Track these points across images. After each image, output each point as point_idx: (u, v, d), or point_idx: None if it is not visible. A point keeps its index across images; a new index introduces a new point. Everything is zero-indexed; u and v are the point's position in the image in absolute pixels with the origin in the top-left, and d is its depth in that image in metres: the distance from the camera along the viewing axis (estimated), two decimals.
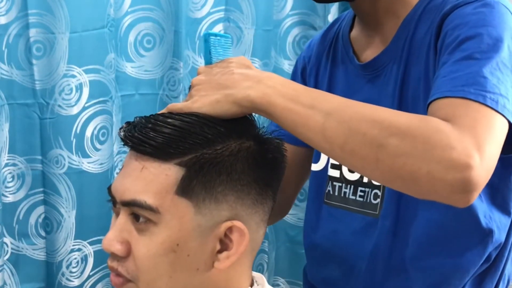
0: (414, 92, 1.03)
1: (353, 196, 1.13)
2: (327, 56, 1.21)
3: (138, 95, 1.70)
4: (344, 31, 1.19)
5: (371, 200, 1.10)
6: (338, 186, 1.17)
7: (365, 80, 1.12)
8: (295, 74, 1.29)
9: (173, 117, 0.82)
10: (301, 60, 1.28)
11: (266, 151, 0.85)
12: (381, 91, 1.09)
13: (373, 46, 1.12)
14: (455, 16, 0.96)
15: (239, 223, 0.81)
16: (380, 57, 1.09)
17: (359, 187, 1.12)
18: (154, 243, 0.80)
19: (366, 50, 1.13)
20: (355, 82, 1.14)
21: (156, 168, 0.80)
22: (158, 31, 1.68)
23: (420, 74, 1.02)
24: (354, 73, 1.14)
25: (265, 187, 0.85)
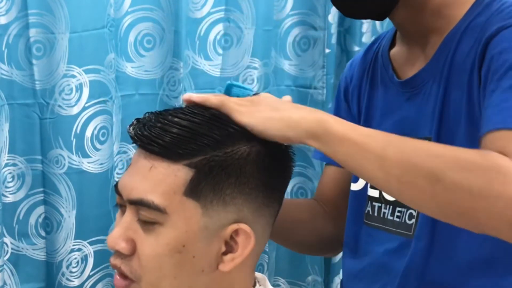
0: (455, 114, 1.00)
1: (391, 216, 1.11)
2: (367, 75, 1.20)
3: (138, 95, 1.70)
4: (384, 48, 1.17)
5: (406, 220, 1.08)
6: (378, 206, 1.14)
7: (404, 98, 1.09)
8: (339, 95, 1.27)
9: (182, 116, 0.81)
10: (343, 81, 1.26)
11: (275, 155, 0.85)
12: (420, 110, 1.06)
13: (413, 63, 1.09)
14: (501, 39, 0.92)
15: (246, 226, 0.81)
16: (419, 75, 1.06)
17: (397, 207, 1.10)
18: (160, 244, 0.80)
19: (406, 67, 1.11)
20: (394, 100, 1.12)
21: (165, 168, 0.80)
22: (158, 31, 1.68)
23: (462, 95, 0.98)
24: (393, 91, 1.12)
25: (272, 191, 0.85)
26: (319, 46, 1.88)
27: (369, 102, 1.17)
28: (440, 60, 1.03)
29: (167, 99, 1.73)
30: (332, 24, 1.88)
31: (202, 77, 1.75)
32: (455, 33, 1.02)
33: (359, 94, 1.21)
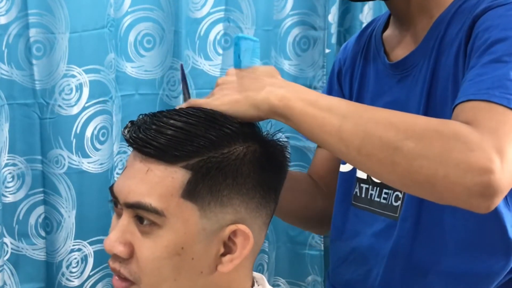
0: (442, 93, 1.01)
1: (377, 198, 1.12)
2: (360, 57, 1.21)
3: (138, 95, 1.70)
4: (377, 31, 1.19)
5: (392, 202, 1.09)
6: (365, 188, 1.16)
7: (395, 80, 1.11)
8: (332, 77, 1.29)
9: (177, 118, 0.81)
10: (337, 63, 1.29)
11: (271, 155, 0.85)
12: (409, 91, 1.07)
13: (404, 46, 1.11)
14: (486, 18, 0.94)
15: (244, 226, 0.81)
16: (410, 57, 1.08)
17: (384, 189, 1.11)
18: (159, 246, 0.80)
19: (397, 49, 1.12)
20: (384, 82, 1.13)
21: (161, 171, 0.80)
22: (158, 31, 1.68)
23: (448, 75, 1.00)
24: (384, 73, 1.14)
25: (269, 191, 0.85)
26: (319, 46, 1.88)
27: (360, 84, 1.19)
28: (430, 42, 1.04)
29: (167, 99, 1.73)
30: (332, 24, 1.88)
31: (202, 77, 1.75)
32: (445, 16, 1.03)
33: (352, 76, 1.22)
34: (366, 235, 1.14)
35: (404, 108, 1.05)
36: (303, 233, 1.96)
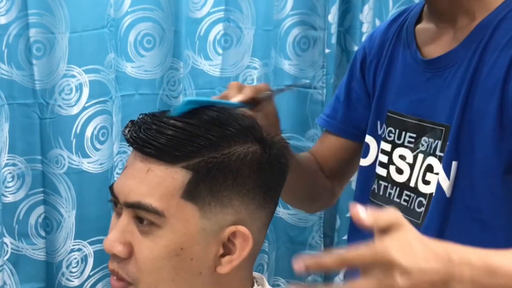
0: (480, 104, 0.96)
1: (397, 199, 1.09)
2: (388, 48, 1.16)
3: (138, 95, 1.70)
4: (410, 22, 1.12)
5: (415, 208, 1.06)
6: (384, 185, 1.13)
7: (424, 77, 1.06)
8: (354, 65, 1.24)
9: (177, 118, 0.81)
10: (361, 51, 1.23)
11: (272, 156, 0.84)
12: (439, 93, 1.03)
13: (440, 43, 1.05)
14: None
15: (243, 228, 0.81)
16: (447, 56, 1.03)
17: (404, 190, 1.08)
18: (158, 246, 0.79)
19: (431, 45, 1.07)
20: (412, 78, 1.09)
21: (162, 171, 0.79)
22: (158, 31, 1.68)
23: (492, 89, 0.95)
24: (413, 69, 1.09)
25: (268, 192, 0.84)
26: (319, 46, 1.88)
27: (385, 77, 1.14)
28: (471, 45, 0.99)
29: (167, 99, 1.73)
30: (332, 24, 1.88)
31: (202, 77, 1.75)
32: (491, 21, 0.98)
33: (376, 67, 1.17)
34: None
35: (431, 108, 1.03)
36: (303, 233, 1.97)
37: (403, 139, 1.08)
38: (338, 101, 1.25)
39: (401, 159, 1.09)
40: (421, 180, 1.05)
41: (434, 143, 1.03)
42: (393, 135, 1.10)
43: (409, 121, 1.08)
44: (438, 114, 1.03)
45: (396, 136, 1.09)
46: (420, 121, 1.06)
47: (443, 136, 1.01)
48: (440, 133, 1.01)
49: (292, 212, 1.95)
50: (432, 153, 1.03)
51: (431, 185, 1.02)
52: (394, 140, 1.10)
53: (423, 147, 1.05)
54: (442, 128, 1.01)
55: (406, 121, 1.08)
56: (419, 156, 1.06)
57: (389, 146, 1.10)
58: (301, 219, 1.96)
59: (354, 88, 1.22)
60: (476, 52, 0.98)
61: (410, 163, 1.07)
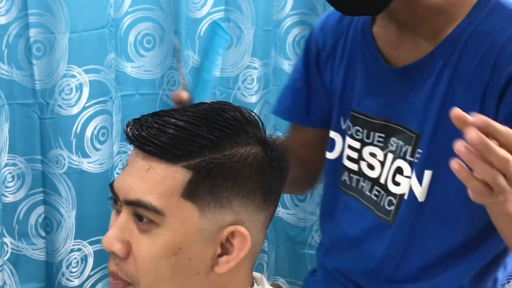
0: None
1: (368, 192, 1.14)
2: (343, 46, 1.17)
3: (138, 95, 1.70)
4: (365, 23, 1.14)
5: (385, 205, 1.10)
6: (356, 179, 1.17)
7: (390, 82, 1.09)
8: (307, 59, 1.24)
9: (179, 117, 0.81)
10: (313, 45, 1.23)
11: (273, 158, 0.84)
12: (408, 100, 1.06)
13: (403, 50, 1.08)
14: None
15: (242, 228, 0.81)
16: (414, 66, 1.05)
17: (375, 185, 1.13)
18: (156, 245, 0.79)
19: (394, 51, 1.09)
20: (376, 81, 1.11)
21: (163, 170, 0.79)
22: (158, 31, 1.68)
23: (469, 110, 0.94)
24: (376, 72, 1.11)
25: (268, 194, 0.84)
26: None
27: (346, 76, 1.16)
28: (441, 57, 1.02)
29: (167, 99, 1.73)
30: None
31: None
32: (459, 35, 1.01)
33: (333, 63, 1.19)
34: (358, 228, 1.16)
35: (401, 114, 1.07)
36: (302, 233, 1.97)
37: (372, 139, 1.12)
38: (296, 93, 1.27)
39: (372, 156, 1.13)
40: (390, 180, 1.09)
41: (404, 147, 1.07)
42: (361, 134, 1.14)
43: (376, 122, 1.11)
44: (406, 119, 1.06)
45: (365, 135, 1.13)
46: (388, 122, 1.09)
47: (414, 143, 1.05)
48: (410, 139, 1.06)
49: (291, 212, 1.95)
50: (402, 156, 1.07)
51: (401, 186, 1.07)
52: (363, 139, 1.14)
53: (392, 147, 1.09)
54: (413, 135, 1.05)
55: (373, 122, 1.12)
56: (388, 155, 1.10)
57: (358, 144, 1.15)
58: (301, 219, 1.96)
59: (312, 80, 1.24)
60: (448, 66, 1.01)
61: (381, 160, 1.11)
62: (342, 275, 1.21)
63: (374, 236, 1.13)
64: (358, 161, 1.15)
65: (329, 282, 1.24)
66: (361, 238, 1.15)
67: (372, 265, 1.14)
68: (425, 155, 1.04)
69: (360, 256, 1.16)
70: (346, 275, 1.20)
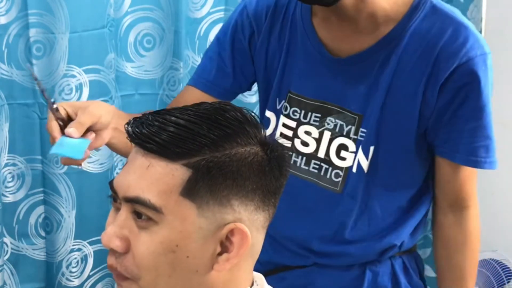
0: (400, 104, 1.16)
1: (305, 166, 1.25)
2: (280, 31, 1.25)
3: (138, 95, 1.71)
4: (304, 13, 1.22)
5: (332, 177, 1.23)
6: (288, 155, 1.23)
7: (330, 68, 1.20)
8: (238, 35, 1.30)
9: (180, 116, 0.81)
10: (247, 24, 1.30)
11: (272, 159, 0.85)
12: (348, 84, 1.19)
13: (344, 41, 1.18)
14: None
15: (242, 225, 0.81)
16: (357, 57, 1.17)
17: (312, 160, 1.24)
18: (154, 242, 0.80)
19: (335, 42, 1.19)
20: (316, 67, 1.21)
21: (163, 167, 0.80)
22: (158, 31, 1.68)
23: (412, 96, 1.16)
24: (316, 59, 1.21)
25: (268, 194, 0.85)
26: None
27: (285, 61, 1.25)
28: (383, 51, 1.16)
29: (167, 99, 1.73)
30: None
31: None
32: (399, 33, 1.15)
33: (268, 47, 1.27)
34: (303, 198, 1.25)
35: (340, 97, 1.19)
36: None
37: (309, 119, 1.24)
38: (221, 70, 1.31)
39: (307, 134, 1.24)
40: (335, 155, 1.22)
41: (346, 127, 1.20)
42: (298, 114, 1.25)
43: (313, 104, 1.23)
44: (345, 102, 1.20)
45: (302, 115, 1.24)
46: (325, 103, 1.22)
47: (357, 123, 1.19)
48: (353, 120, 1.20)
49: None
50: (345, 135, 1.21)
51: (347, 160, 1.21)
52: (300, 118, 1.25)
53: (329, 126, 1.22)
54: (355, 117, 1.19)
55: (310, 104, 1.23)
56: (325, 133, 1.22)
57: (294, 123, 1.25)
58: None
59: (238, 60, 1.31)
60: (390, 59, 1.15)
61: (316, 138, 1.23)
62: (292, 241, 1.28)
63: (323, 204, 1.24)
64: (293, 139, 1.25)
65: (276, 250, 1.30)
66: (309, 207, 1.25)
67: (327, 231, 1.25)
68: (369, 133, 1.18)
69: (314, 223, 1.26)
70: (298, 242, 1.28)
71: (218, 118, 0.81)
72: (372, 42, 1.17)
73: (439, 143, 1.18)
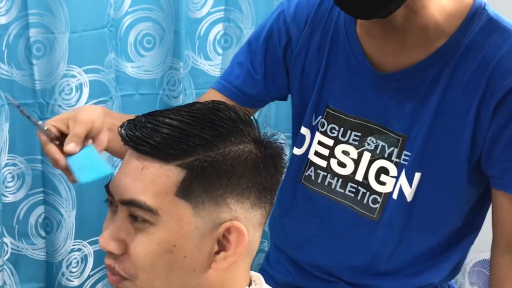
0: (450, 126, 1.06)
1: (341, 189, 1.16)
2: (320, 40, 1.16)
3: (138, 95, 1.71)
4: (348, 21, 1.13)
5: (369, 203, 1.13)
6: (323, 175, 1.17)
7: (373, 83, 1.10)
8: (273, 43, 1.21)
9: (173, 117, 0.82)
10: (283, 32, 1.20)
11: (267, 156, 0.85)
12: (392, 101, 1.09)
13: (391, 56, 1.09)
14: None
15: (238, 223, 0.81)
16: (405, 72, 1.08)
17: (349, 182, 1.15)
18: (151, 243, 0.80)
19: (381, 56, 1.10)
20: (358, 81, 1.12)
21: (156, 169, 0.80)
22: (158, 31, 1.68)
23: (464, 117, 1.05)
24: (359, 73, 1.12)
25: (264, 192, 0.85)
26: None
27: (325, 73, 1.16)
28: (434, 66, 1.06)
29: (167, 99, 1.73)
30: None
31: (202, 77, 1.75)
32: (453, 47, 1.05)
33: (306, 57, 1.18)
34: (335, 224, 1.17)
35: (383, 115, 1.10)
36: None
37: (348, 137, 1.15)
38: (252, 77, 1.24)
39: (344, 154, 1.15)
40: (373, 179, 1.13)
41: (388, 148, 1.11)
42: (337, 132, 1.16)
43: (353, 121, 1.14)
44: (389, 121, 1.10)
45: (341, 133, 1.15)
46: (366, 122, 1.12)
47: (400, 145, 1.10)
48: (395, 142, 1.10)
49: None
50: (386, 157, 1.11)
51: (387, 186, 1.11)
52: (338, 136, 1.15)
53: (369, 146, 1.13)
54: (399, 138, 1.10)
55: (350, 121, 1.14)
56: (365, 154, 1.13)
57: (331, 142, 1.16)
58: None
59: (270, 66, 1.22)
60: (442, 75, 1.05)
61: (355, 158, 1.14)
62: (320, 269, 1.21)
63: (357, 231, 1.15)
64: (329, 158, 1.17)
65: (300, 274, 1.23)
66: (341, 233, 1.17)
67: (359, 261, 1.16)
68: (414, 157, 1.08)
69: (345, 252, 1.17)
70: (326, 270, 1.20)
71: (211, 118, 0.82)
72: (422, 57, 1.06)
73: (495, 174, 1.07)
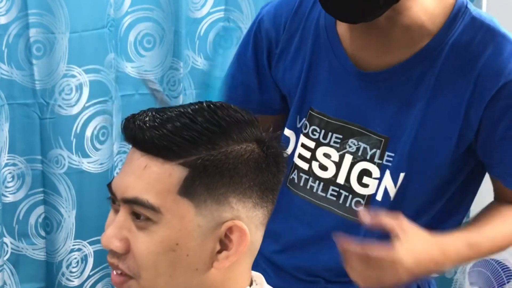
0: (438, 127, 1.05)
1: (322, 192, 1.14)
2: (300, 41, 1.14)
3: (138, 95, 1.71)
4: (329, 21, 1.11)
5: (352, 206, 1.12)
6: (305, 178, 1.16)
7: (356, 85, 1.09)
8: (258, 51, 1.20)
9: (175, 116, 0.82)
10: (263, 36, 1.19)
11: (269, 155, 0.85)
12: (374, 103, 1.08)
13: (373, 55, 1.08)
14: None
15: (240, 223, 0.81)
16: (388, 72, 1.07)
17: (330, 185, 1.13)
18: (154, 241, 0.80)
19: (362, 55, 1.09)
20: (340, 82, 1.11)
21: (159, 167, 0.80)
22: (158, 31, 1.68)
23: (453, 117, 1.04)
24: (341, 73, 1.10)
25: (266, 191, 0.85)
26: None
27: (308, 75, 1.14)
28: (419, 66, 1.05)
29: (167, 99, 1.73)
30: None
31: (202, 77, 1.75)
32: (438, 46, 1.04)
33: (286, 60, 1.16)
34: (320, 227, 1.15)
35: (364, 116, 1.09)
36: None
37: (329, 139, 1.13)
38: (247, 87, 1.23)
39: (326, 157, 1.13)
40: (356, 181, 1.11)
41: (370, 150, 1.09)
42: (318, 134, 1.14)
43: (334, 123, 1.12)
44: (371, 122, 1.09)
45: (322, 135, 1.13)
46: (347, 124, 1.11)
47: (382, 146, 1.08)
48: (379, 143, 1.09)
49: None
50: (369, 159, 1.10)
51: (370, 187, 1.10)
52: (319, 138, 1.14)
53: (351, 149, 1.11)
54: (381, 139, 1.08)
55: (332, 123, 1.12)
56: (346, 156, 1.12)
57: (312, 144, 1.14)
58: None
59: (262, 73, 1.21)
60: (427, 75, 1.04)
61: (336, 161, 1.12)
62: (301, 271, 1.19)
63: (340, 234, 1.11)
64: (310, 161, 1.15)
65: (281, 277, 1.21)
66: (325, 237, 1.13)
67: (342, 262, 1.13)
68: (400, 158, 1.08)
69: (328, 254, 1.14)
70: (308, 271, 1.18)
71: (214, 117, 0.82)
72: (405, 56, 1.05)
73: (492, 163, 1.08)
